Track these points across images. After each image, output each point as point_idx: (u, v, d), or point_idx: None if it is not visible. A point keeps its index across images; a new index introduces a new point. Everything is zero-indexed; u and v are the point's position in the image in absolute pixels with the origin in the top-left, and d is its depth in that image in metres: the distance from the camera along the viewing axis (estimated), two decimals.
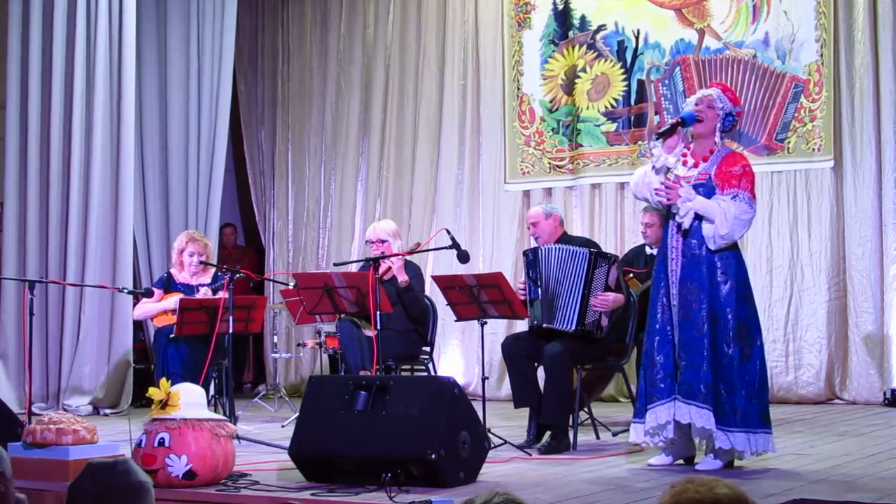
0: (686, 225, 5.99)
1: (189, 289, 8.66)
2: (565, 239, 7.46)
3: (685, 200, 5.98)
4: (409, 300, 8.20)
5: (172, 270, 8.86)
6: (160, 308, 8.67)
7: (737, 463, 6.08)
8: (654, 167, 6.19)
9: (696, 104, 6.13)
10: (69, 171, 10.14)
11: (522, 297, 7.18)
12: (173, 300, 8.49)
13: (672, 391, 5.97)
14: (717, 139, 6.12)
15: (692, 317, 5.95)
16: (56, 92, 10.14)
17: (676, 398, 5.93)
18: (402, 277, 8.13)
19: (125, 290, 9.18)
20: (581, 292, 7.00)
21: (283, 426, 8.54)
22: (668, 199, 6.05)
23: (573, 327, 7.01)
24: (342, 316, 8.10)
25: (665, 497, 2.50)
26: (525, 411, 7.27)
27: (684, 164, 6.13)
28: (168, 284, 8.76)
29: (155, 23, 11.21)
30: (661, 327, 6.08)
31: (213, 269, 8.80)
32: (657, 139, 6.19)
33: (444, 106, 11.74)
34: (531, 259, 7.23)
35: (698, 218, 5.99)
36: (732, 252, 6.05)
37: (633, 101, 10.85)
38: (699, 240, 5.99)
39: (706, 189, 6.01)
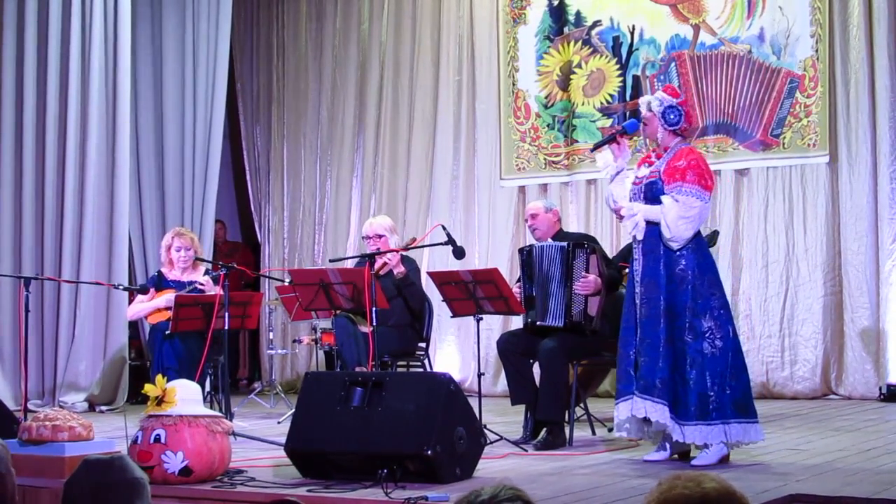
0: (640, 236, 6.15)
1: (181, 286, 8.65)
2: (562, 235, 7.49)
3: (629, 217, 6.15)
4: (410, 293, 8.21)
5: (163, 269, 8.86)
6: (152, 307, 8.67)
7: (733, 459, 6.10)
8: (610, 178, 6.39)
9: (641, 112, 6.31)
10: (64, 168, 10.13)
11: (519, 297, 7.20)
12: (165, 298, 8.50)
13: (633, 387, 6.06)
14: (663, 136, 6.21)
15: (651, 314, 6.06)
16: (51, 88, 10.12)
17: (634, 394, 6.02)
18: (400, 269, 8.12)
19: (121, 287, 9.16)
20: (564, 285, 7.05)
21: (278, 422, 8.55)
22: (620, 219, 6.32)
23: (562, 322, 7.04)
24: (338, 312, 8.11)
25: (653, 494, 2.50)
26: (521, 407, 7.28)
27: (646, 165, 6.29)
28: (159, 282, 8.76)
29: (150, 19, 11.20)
30: (629, 325, 6.20)
31: (202, 266, 8.82)
32: (592, 151, 6.38)
33: (439, 102, 11.74)
34: (525, 257, 7.28)
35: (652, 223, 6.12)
36: (691, 247, 6.09)
37: (628, 97, 10.85)
38: (656, 238, 6.08)
39: (658, 186, 6.12)
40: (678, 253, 6.05)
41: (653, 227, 6.10)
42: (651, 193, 6.12)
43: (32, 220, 10.13)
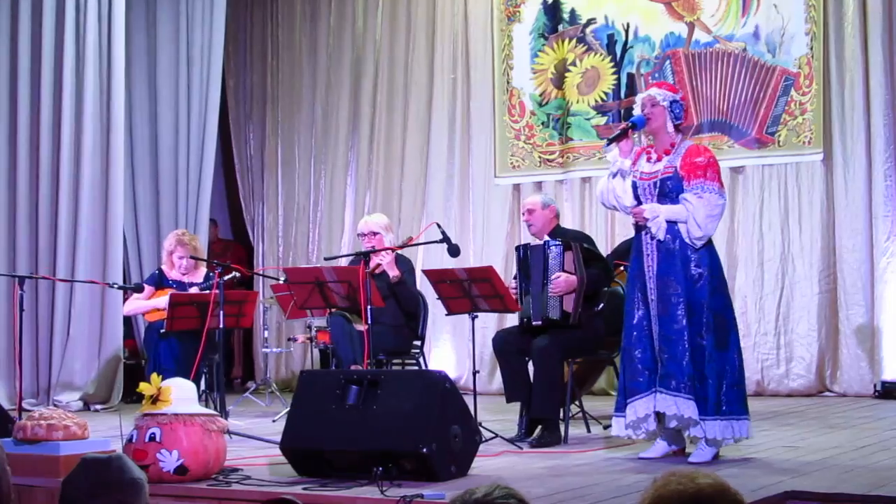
0: (661, 237, 6.09)
1: (181, 286, 8.65)
2: (559, 232, 7.46)
3: (653, 218, 6.09)
4: (403, 293, 8.20)
5: (164, 267, 8.85)
6: (150, 305, 8.66)
7: (727, 455, 6.11)
8: (611, 173, 6.32)
9: (642, 108, 6.26)
10: (59, 167, 10.12)
11: (515, 295, 7.20)
12: (164, 299, 8.48)
13: (651, 385, 6.07)
14: (670, 131, 6.21)
15: (670, 310, 6.04)
16: (45, 88, 10.11)
17: (658, 391, 6.00)
18: (394, 272, 8.11)
19: (115, 286, 9.17)
20: (542, 283, 7.04)
21: (274, 421, 8.54)
22: (639, 223, 6.18)
23: (539, 320, 7.04)
24: (333, 310, 8.10)
25: (648, 491, 2.50)
26: (516, 405, 7.27)
27: (648, 160, 6.24)
28: (160, 281, 8.76)
29: (144, 19, 11.19)
30: (638, 323, 6.18)
31: (204, 267, 8.81)
32: (608, 145, 6.34)
33: (433, 100, 11.74)
34: (521, 256, 7.26)
35: (671, 221, 6.09)
36: (707, 246, 6.12)
37: (623, 95, 10.85)
38: (673, 234, 6.08)
39: (673, 182, 6.09)
40: (691, 250, 6.04)
41: (670, 225, 6.07)
42: (666, 189, 6.09)
43: (27, 218, 10.11)
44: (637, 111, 6.31)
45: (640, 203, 6.19)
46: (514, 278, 7.38)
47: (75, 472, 3.09)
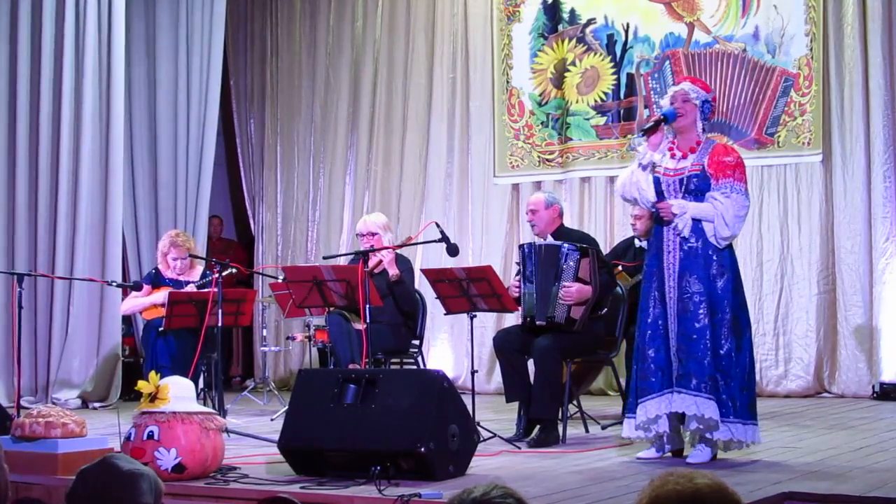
0: (686, 234, 6.03)
1: (178, 284, 8.64)
2: (563, 231, 7.43)
3: (681, 214, 6.03)
4: (400, 293, 8.19)
5: (160, 266, 8.85)
6: (148, 302, 8.65)
7: (725, 456, 6.09)
8: (640, 165, 6.22)
9: (672, 102, 6.18)
10: (58, 164, 10.12)
11: (516, 295, 7.18)
12: (161, 294, 8.48)
13: (663, 385, 5.99)
14: (699, 130, 6.16)
15: (692, 309, 5.97)
16: (45, 84, 10.11)
17: (676, 390, 5.94)
18: (393, 271, 8.11)
19: (114, 284, 9.16)
20: (551, 286, 7.01)
21: (272, 420, 8.54)
22: (666, 219, 6.09)
23: (544, 321, 7.02)
24: (331, 309, 8.10)
25: (646, 491, 2.50)
26: (514, 404, 7.26)
27: (672, 156, 6.16)
28: (156, 280, 8.74)
29: (144, 16, 11.19)
30: (653, 321, 6.10)
31: (200, 266, 8.80)
32: (641, 136, 6.25)
33: (433, 99, 11.74)
34: (525, 254, 7.20)
35: (696, 220, 6.04)
36: (729, 246, 6.09)
37: (622, 95, 10.85)
38: (696, 233, 6.03)
39: (699, 179, 6.04)
40: (713, 250, 6.00)
41: (694, 223, 6.01)
42: (692, 186, 6.04)
43: (26, 216, 10.11)
44: (666, 104, 6.24)
45: (660, 199, 6.14)
46: (518, 275, 7.33)
47: (90, 470, 3.05)
